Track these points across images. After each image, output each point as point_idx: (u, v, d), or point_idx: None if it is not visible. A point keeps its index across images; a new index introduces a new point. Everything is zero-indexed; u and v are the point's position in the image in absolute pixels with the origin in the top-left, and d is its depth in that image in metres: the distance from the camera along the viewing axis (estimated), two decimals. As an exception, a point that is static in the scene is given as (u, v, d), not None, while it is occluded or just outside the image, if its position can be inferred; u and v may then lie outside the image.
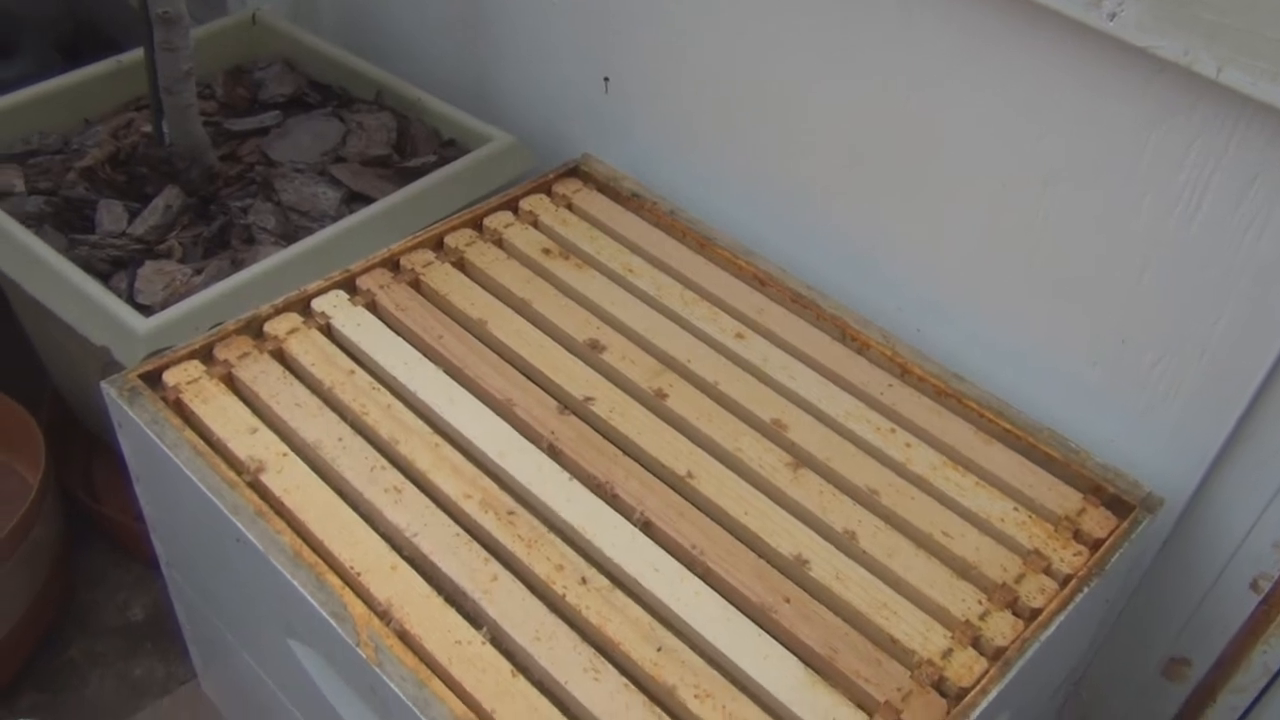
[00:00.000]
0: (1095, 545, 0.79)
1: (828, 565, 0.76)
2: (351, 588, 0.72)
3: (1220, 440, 0.82)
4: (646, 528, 0.77)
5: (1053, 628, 0.73)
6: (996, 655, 0.71)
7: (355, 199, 1.09)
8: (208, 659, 1.07)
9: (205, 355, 0.86)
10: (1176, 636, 0.94)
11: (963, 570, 0.76)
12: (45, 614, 1.16)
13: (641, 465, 0.81)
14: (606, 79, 1.11)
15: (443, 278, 0.95)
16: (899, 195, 0.93)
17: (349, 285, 0.93)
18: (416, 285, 0.94)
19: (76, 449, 1.31)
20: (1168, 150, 0.76)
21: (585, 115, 1.16)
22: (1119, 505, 0.81)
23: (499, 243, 1.00)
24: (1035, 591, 0.75)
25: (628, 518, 0.77)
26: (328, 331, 0.89)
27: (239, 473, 0.78)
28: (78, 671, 1.16)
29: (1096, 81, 0.77)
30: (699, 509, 0.79)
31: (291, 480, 0.78)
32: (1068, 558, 0.77)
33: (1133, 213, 0.79)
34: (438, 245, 0.99)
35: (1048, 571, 0.77)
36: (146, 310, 0.93)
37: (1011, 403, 0.87)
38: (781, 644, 0.71)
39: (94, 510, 1.24)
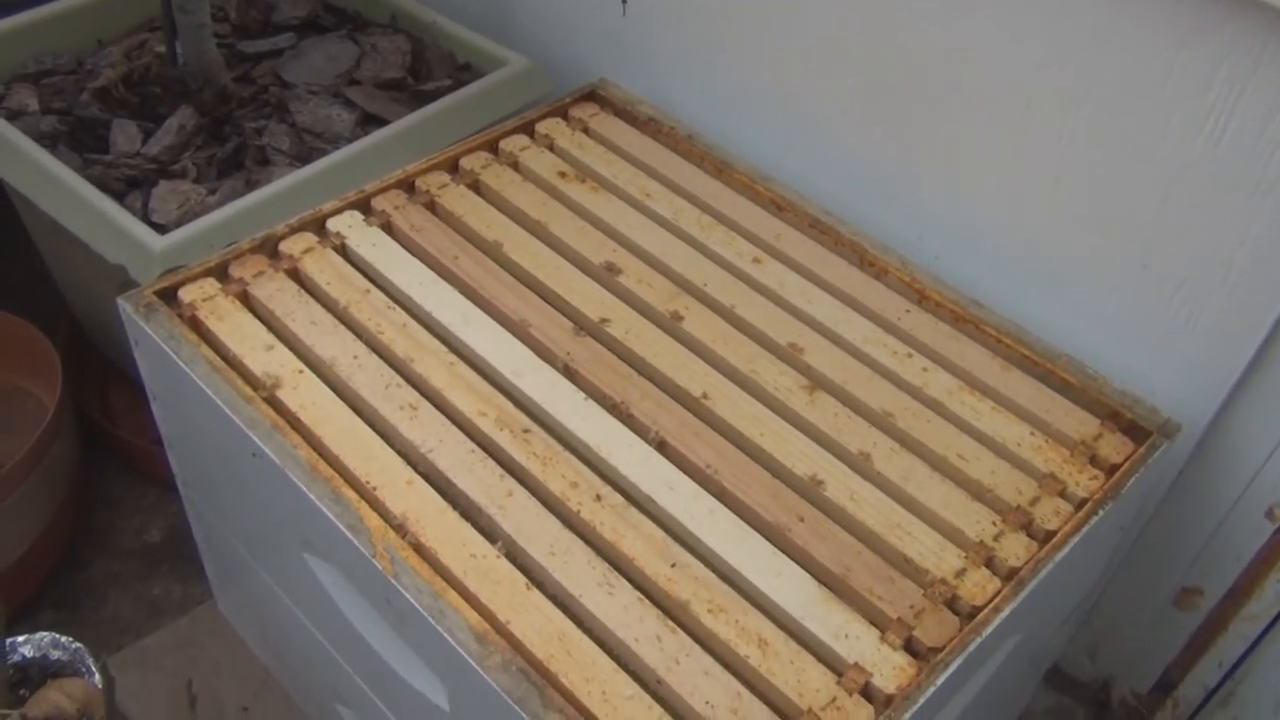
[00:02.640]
0: (1111, 470, 0.78)
1: (842, 486, 0.75)
2: (367, 501, 0.72)
3: (1240, 368, 0.82)
4: (661, 447, 0.77)
5: (1066, 549, 0.73)
6: (1010, 575, 0.71)
7: (370, 121, 1.09)
8: (224, 578, 1.08)
9: (220, 273, 0.86)
10: (1190, 565, 0.94)
11: (978, 493, 0.76)
12: (63, 533, 1.17)
13: (657, 386, 0.81)
14: (624, 1, 1.10)
15: (458, 199, 0.94)
16: (920, 120, 0.92)
17: (364, 206, 0.93)
18: (432, 207, 0.94)
19: (92, 374, 1.31)
20: (1195, 71, 0.74)
21: (602, 39, 1.14)
22: (1136, 431, 0.81)
23: (515, 166, 0.99)
24: (1050, 514, 0.75)
25: (643, 437, 0.77)
26: (343, 251, 0.89)
27: (255, 388, 0.78)
28: (96, 591, 1.17)
29: (1124, 1, 0.75)
30: (714, 429, 0.78)
31: (307, 396, 0.78)
32: (1083, 482, 0.77)
33: (1158, 135, 0.78)
34: (453, 168, 0.98)
35: (1063, 495, 0.76)
36: (161, 229, 0.93)
37: (1030, 329, 0.87)
38: (795, 562, 0.71)
39: (111, 434, 1.25)
